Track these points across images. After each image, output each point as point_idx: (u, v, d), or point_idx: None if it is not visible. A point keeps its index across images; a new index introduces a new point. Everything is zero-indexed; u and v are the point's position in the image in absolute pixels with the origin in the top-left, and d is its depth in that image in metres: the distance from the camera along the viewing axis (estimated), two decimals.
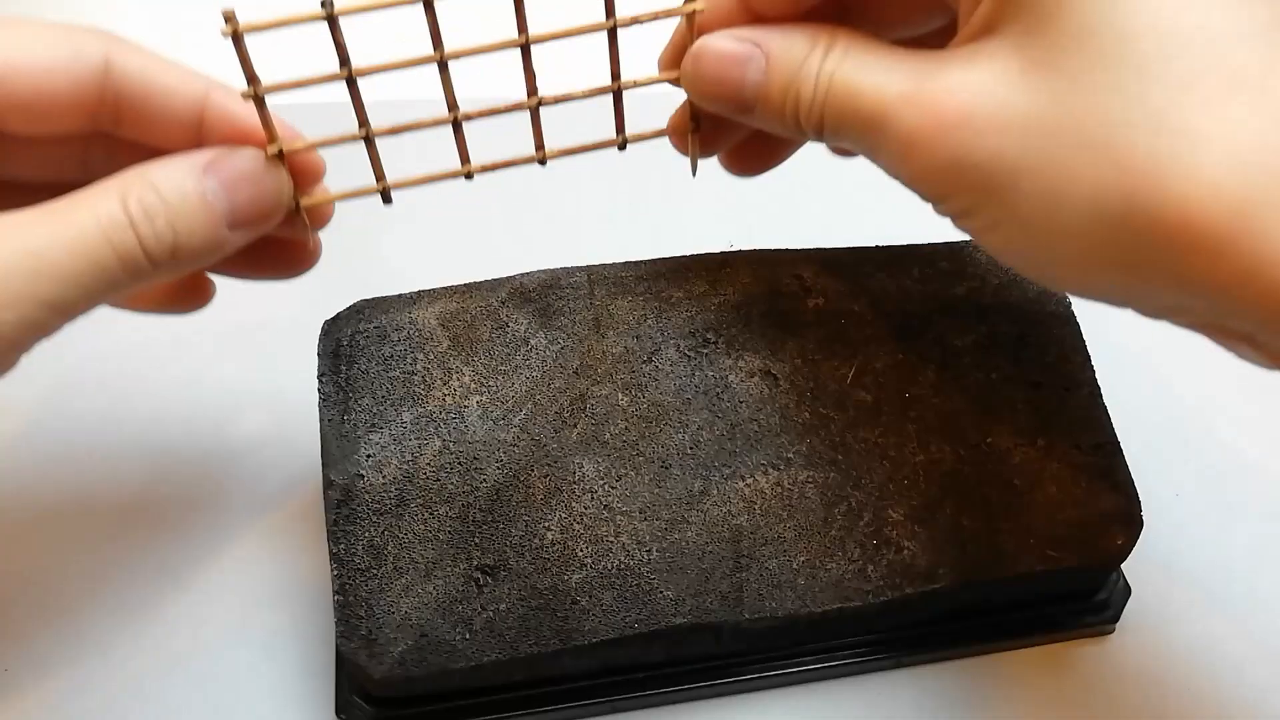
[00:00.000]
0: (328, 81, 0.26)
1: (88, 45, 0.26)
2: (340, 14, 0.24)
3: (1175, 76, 0.21)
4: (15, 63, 0.25)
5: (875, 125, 0.25)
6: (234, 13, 0.24)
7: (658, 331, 0.32)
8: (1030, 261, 0.25)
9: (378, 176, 0.28)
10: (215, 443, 0.38)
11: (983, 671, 0.33)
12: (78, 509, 0.36)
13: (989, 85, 0.24)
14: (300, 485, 0.37)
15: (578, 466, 0.30)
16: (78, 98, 0.26)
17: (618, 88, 0.28)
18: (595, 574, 0.29)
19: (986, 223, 0.25)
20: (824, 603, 0.30)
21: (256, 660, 0.34)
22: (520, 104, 0.28)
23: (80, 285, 0.24)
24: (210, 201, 0.26)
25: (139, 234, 0.25)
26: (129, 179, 0.25)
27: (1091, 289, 0.24)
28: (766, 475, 0.31)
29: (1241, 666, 0.33)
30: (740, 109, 0.28)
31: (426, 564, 0.29)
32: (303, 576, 0.35)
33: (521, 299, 0.32)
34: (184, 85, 0.27)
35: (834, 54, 0.26)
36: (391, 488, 0.30)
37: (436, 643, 0.29)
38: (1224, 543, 0.36)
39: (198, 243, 0.26)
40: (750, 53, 0.27)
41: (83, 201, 0.25)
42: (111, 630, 0.34)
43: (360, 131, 0.27)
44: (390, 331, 0.31)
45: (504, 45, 0.26)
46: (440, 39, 0.26)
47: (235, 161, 0.26)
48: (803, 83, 0.26)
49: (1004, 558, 0.31)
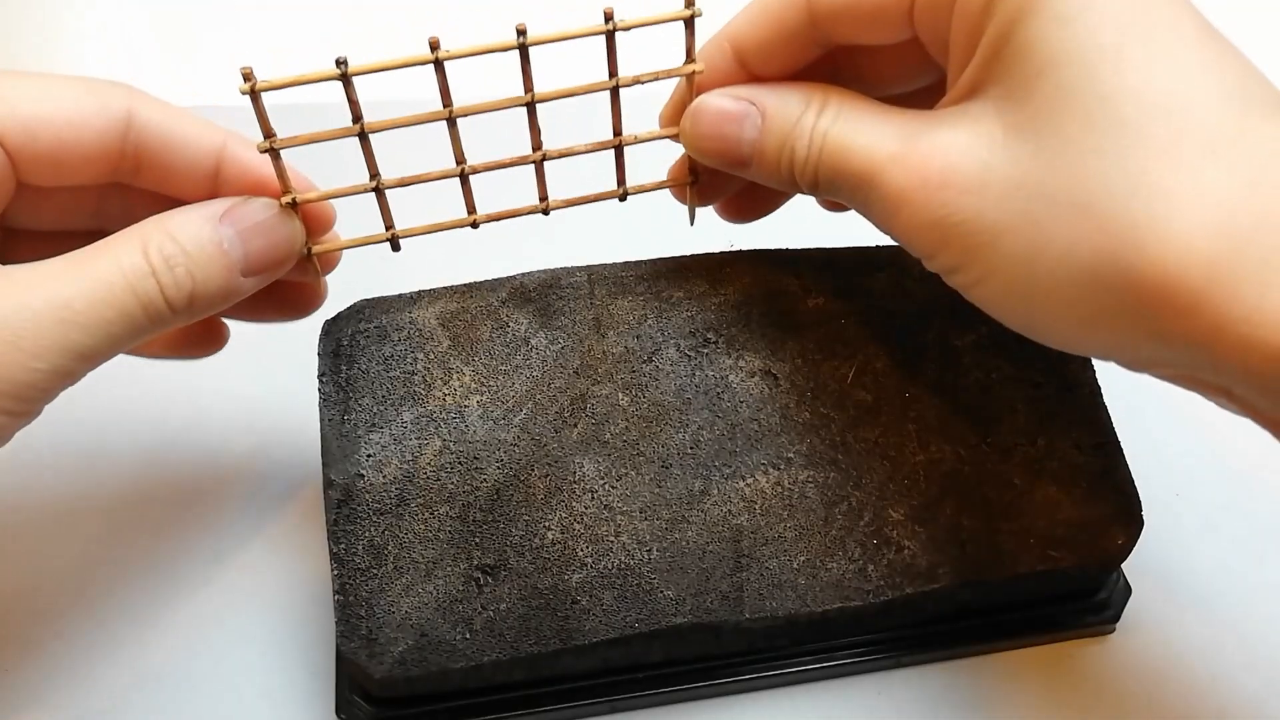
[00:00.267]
0: (342, 137, 0.27)
1: (111, 99, 0.27)
2: (353, 74, 0.26)
3: (1152, 140, 0.22)
4: (43, 117, 0.26)
5: (865, 183, 0.26)
6: (252, 70, 0.25)
7: (658, 331, 0.32)
8: (1015, 316, 0.26)
9: (387, 225, 0.29)
10: (216, 443, 0.38)
11: (983, 671, 0.33)
12: (78, 509, 0.36)
13: (972, 147, 0.25)
14: (300, 485, 0.37)
15: (578, 466, 0.30)
16: (102, 150, 0.27)
17: (619, 143, 0.29)
18: (595, 574, 0.29)
19: (972, 279, 0.26)
20: (824, 602, 0.30)
21: (256, 660, 0.34)
22: (526, 158, 0.29)
23: (107, 334, 0.25)
24: (226, 250, 0.27)
25: (160, 282, 0.26)
26: (148, 229, 0.26)
27: (1074, 344, 0.25)
28: (767, 475, 0.31)
29: (1241, 666, 0.33)
30: (737, 164, 0.29)
31: (427, 564, 0.29)
32: (303, 576, 0.35)
33: (522, 299, 0.32)
34: (201, 136, 0.28)
35: (827, 113, 0.27)
36: (392, 487, 0.30)
37: (437, 642, 0.29)
38: (1224, 543, 0.36)
39: (214, 289, 0.27)
40: (747, 110, 0.28)
41: (106, 252, 0.26)
42: (112, 630, 0.34)
43: (371, 183, 0.28)
44: (390, 331, 0.31)
45: (512, 103, 0.28)
46: (449, 97, 0.27)
47: (249, 211, 0.27)
48: (797, 140, 0.28)
49: (1004, 558, 0.31)
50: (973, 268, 0.25)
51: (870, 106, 0.27)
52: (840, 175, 0.27)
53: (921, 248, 0.26)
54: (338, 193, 0.28)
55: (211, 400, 0.39)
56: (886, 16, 0.27)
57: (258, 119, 0.26)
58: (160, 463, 0.38)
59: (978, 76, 0.25)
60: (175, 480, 0.29)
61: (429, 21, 0.55)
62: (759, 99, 0.28)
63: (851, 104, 0.27)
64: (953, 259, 0.26)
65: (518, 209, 0.30)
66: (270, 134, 0.26)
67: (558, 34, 0.27)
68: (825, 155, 0.27)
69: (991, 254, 0.24)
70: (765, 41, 0.28)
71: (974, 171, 0.24)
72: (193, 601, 0.35)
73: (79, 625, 0.34)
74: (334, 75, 0.25)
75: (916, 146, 0.25)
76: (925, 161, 0.25)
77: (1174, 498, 0.37)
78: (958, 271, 0.26)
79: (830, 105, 0.27)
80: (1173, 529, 0.36)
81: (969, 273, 0.26)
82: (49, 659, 0.33)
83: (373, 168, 0.28)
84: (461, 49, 0.26)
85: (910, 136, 0.26)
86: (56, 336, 0.24)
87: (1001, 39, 0.24)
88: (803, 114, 0.27)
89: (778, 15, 0.28)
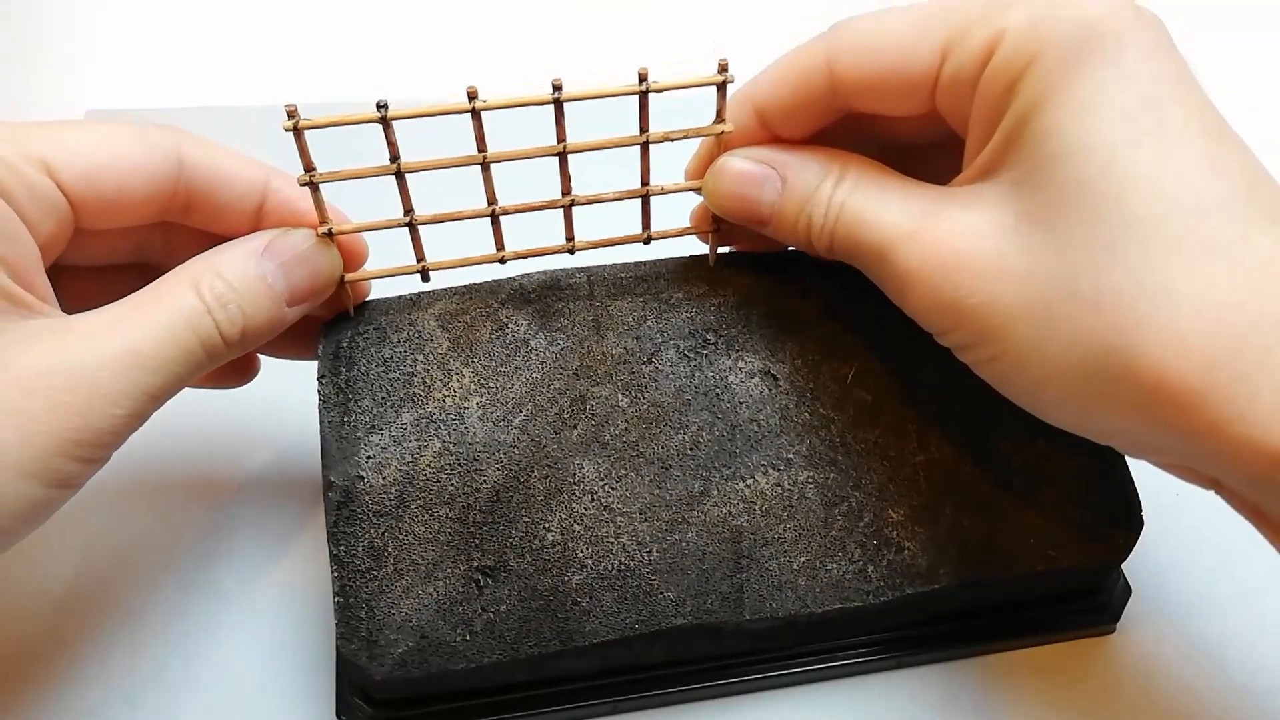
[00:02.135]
0: (380, 175, 0.28)
1: (163, 145, 0.28)
2: (393, 118, 0.27)
3: (1158, 239, 0.23)
4: (103, 166, 0.27)
5: (879, 258, 0.27)
6: (296, 109, 0.26)
7: (657, 332, 0.32)
8: (1021, 395, 0.26)
9: (418, 258, 0.30)
10: (215, 445, 0.38)
11: (983, 672, 0.34)
12: (77, 512, 0.36)
13: (985, 232, 0.25)
14: (300, 487, 0.37)
15: (578, 468, 0.30)
16: (156, 196, 0.28)
17: (646, 193, 0.30)
18: (596, 575, 0.29)
19: (982, 358, 0.26)
20: (824, 603, 0.30)
21: (257, 661, 0.34)
22: (555, 202, 0.30)
23: (173, 374, 0.27)
24: (270, 283, 0.28)
25: (215, 320, 0.27)
26: (198, 270, 0.28)
27: (1075, 426, 0.26)
28: (767, 476, 0.31)
29: (1242, 666, 0.33)
30: (756, 223, 0.30)
31: (427, 565, 0.29)
32: (303, 578, 0.35)
33: (521, 300, 0.32)
34: (246, 172, 0.29)
35: (845, 184, 0.28)
36: (391, 489, 0.30)
37: (437, 644, 0.29)
38: (1224, 543, 0.36)
39: (262, 321, 0.28)
40: (767, 174, 0.29)
41: (163, 295, 0.27)
42: (111, 631, 0.34)
43: (405, 218, 0.29)
44: (390, 333, 0.31)
45: (544, 152, 0.29)
46: (484, 144, 0.28)
47: (291, 242, 0.29)
48: (815, 208, 0.28)
49: (1004, 558, 0.31)
50: (983, 348, 0.26)
51: (888, 179, 0.28)
52: (855, 247, 0.28)
53: (934, 325, 0.27)
54: (373, 225, 0.29)
55: (211, 402, 0.39)
56: (910, 92, 0.27)
57: (300, 154, 0.27)
58: (159, 464, 0.38)
59: (995, 158, 0.26)
60: (174, 482, 0.29)
61: (429, 23, 0.55)
62: (780, 164, 0.29)
63: (870, 176, 0.28)
64: (964, 338, 0.27)
65: (546, 248, 0.31)
66: (311, 168, 0.27)
67: (593, 91, 0.28)
68: (841, 226, 0.28)
69: (1003, 338, 0.25)
70: (787, 106, 0.29)
71: (987, 257, 0.25)
72: (192, 602, 0.35)
73: (77, 626, 0.34)
74: (374, 118, 0.27)
75: (931, 226, 0.26)
76: (940, 243, 0.26)
77: (1174, 498, 0.37)
78: (968, 349, 0.27)
79: (849, 176, 0.28)
80: (1172, 529, 0.36)
81: (979, 352, 0.26)
82: (48, 662, 0.33)
83: (407, 204, 0.29)
84: (498, 100, 0.27)
85: (926, 215, 0.27)
86: (132, 382, 0.25)
87: (1019, 125, 0.25)
88: (822, 183, 0.28)
89: (800, 83, 0.28)
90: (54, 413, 0.24)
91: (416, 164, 0.28)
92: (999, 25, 0.25)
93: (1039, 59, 0.24)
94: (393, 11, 0.55)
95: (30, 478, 0.24)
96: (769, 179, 0.29)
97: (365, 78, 0.51)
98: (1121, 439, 0.26)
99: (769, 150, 0.29)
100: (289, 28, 0.55)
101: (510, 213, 0.30)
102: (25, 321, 0.25)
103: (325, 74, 0.52)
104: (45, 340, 0.25)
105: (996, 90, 0.25)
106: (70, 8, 0.55)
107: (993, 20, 0.25)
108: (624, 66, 0.28)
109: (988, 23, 0.25)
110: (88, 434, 0.25)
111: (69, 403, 0.24)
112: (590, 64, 0.50)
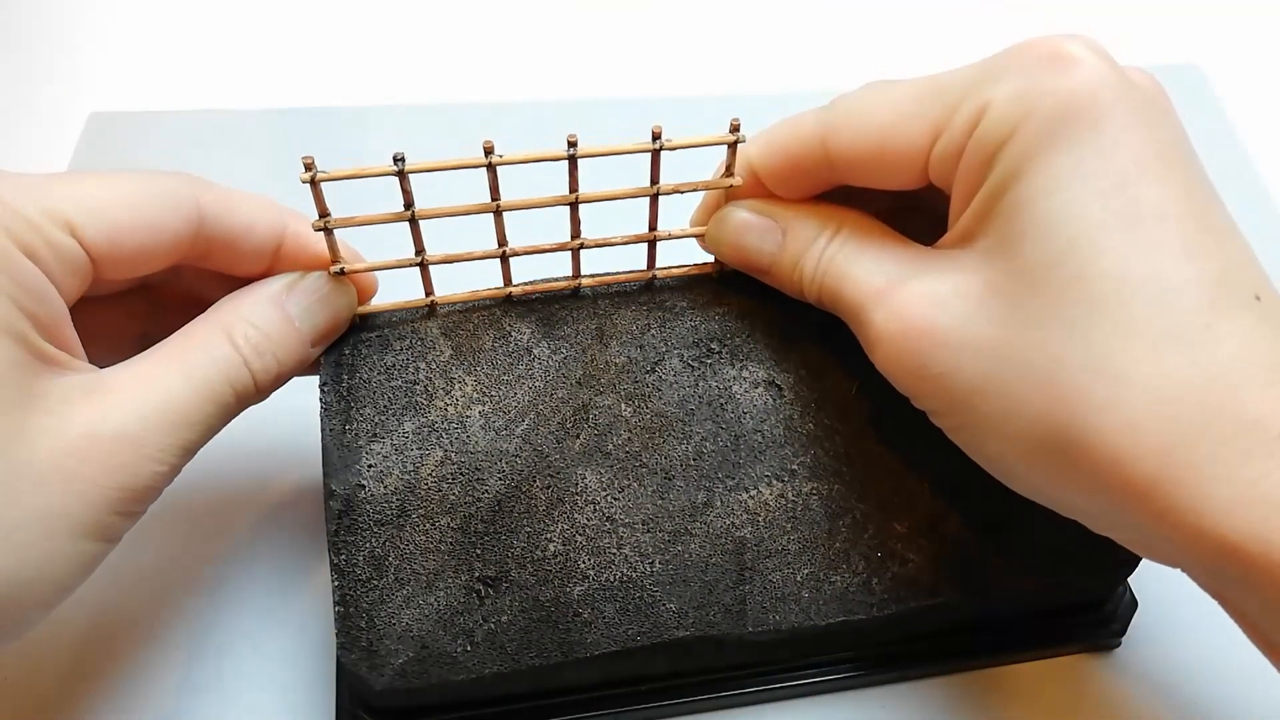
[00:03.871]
0: (394, 221, 0.29)
1: (182, 196, 0.28)
2: (409, 171, 0.27)
3: (1120, 322, 0.23)
4: (124, 225, 0.27)
5: (854, 314, 0.28)
6: (313, 160, 0.27)
7: (661, 341, 0.32)
8: (990, 465, 0.27)
9: (427, 292, 0.31)
10: (216, 453, 0.38)
11: (988, 685, 0.33)
12: None
13: (951, 301, 0.26)
14: (301, 495, 0.37)
15: (580, 477, 0.30)
16: (175, 249, 0.28)
17: (653, 238, 0.31)
18: (597, 586, 0.29)
19: (950, 425, 0.27)
20: (828, 616, 0.30)
21: (257, 671, 0.33)
22: (565, 245, 0.31)
23: (208, 426, 0.27)
24: (297, 326, 0.29)
25: (252, 369, 0.28)
26: (229, 319, 0.28)
27: (1043, 500, 0.26)
28: (770, 487, 0.30)
29: (1249, 682, 0.33)
30: (756, 271, 0.31)
31: (428, 575, 0.29)
32: (303, 587, 0.35)
33: (525, 308, 0.32)
34: (264, 218, 0.30)
35: (836, 240, 0.29)
36: (393, 498, 0.29)
37: (438, 655, 0.28)
38: None
39: (293, 364, 0.29)
40: (769, 226, 0.30)
41: (196, 347, 0.28)
42: (110, 640, 0.34)
43: (416, 258, 0.30)
44: (392, 340, 0.31)
45: (556, 202, 0.30)
46: (498, 192, 0.29)
47: (310, 286, 0.30)
48: (807, 261, 0.29)
49: (1009, 571, 0.31)
50: (949, 417, 0.27)
51: (874, 237, 0.29)
52: (836, 301, 0.29)
53: (902, 389, 0.28)
54: (385, 265, 0.30)
55: None
56: (904, 168, 0.27)
57: (315, 202, 0.27)
58: None
59: (970, 226, 0.26)
60: (175, 489, 0.28)
61: (425, 22, 0.55)
62: (781, 219, 0.30)
63: (860, 234, 0.29)
64: (931, 405, 0.27)
65: (553, 283, 0.32)
66: (325, 214, 0.28)
67: (607, 149, 0.28)
68: (826, 279, 0.29)
69: (966, 410, 0.26)
70: (782, 174, 0.30)
71: (950, 326, 0.25)
72: (192, 611, 0.35)
73: (78, 635, 0.34)
74: (391, 171, 0.27)
75: (899, 290, 0.27)
76: (905, 306, 0.26)
77: None
78: (936, 416, 0.27)
79: (841, 233, 0.29)
80: None
81: (945, 420, 0.27)
82: (47, 667, 0.33)
83: (419, 245, 0.30)
84: (513, 156, 0.28)
85: (899, 278, 0.27)
86: (171, 438, 0.26)
87: (995, 196, 0.25)
88: (816, 238, 0.29)
89: (796, 155, 0.29)
90: (102, 473, 0.25)
91: (431, 211, 0.29)
92: (986, 96, 0.25)
93: (1020, 130, 0.24)
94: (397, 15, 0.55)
95: (83, 537, 0.25)
96: (770, 230, 0.30)
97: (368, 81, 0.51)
98: (1084, 516, 0.26)
99: (771, 204, 0.30)
100: (292, 30, 0.54)
101: (520, 254, 0.31)
102: (60, 379, 0.25)
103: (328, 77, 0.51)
104: (86, 400, 0.25)
105: (979, 159, 0.25)
106: (74, 10, 0.55)
107: (982, 92, 0.25)
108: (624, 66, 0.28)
109: (977, 94, 0.25)
110: (132, 491, 0.26)
111: (115, 464, 0.25)
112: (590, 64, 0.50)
